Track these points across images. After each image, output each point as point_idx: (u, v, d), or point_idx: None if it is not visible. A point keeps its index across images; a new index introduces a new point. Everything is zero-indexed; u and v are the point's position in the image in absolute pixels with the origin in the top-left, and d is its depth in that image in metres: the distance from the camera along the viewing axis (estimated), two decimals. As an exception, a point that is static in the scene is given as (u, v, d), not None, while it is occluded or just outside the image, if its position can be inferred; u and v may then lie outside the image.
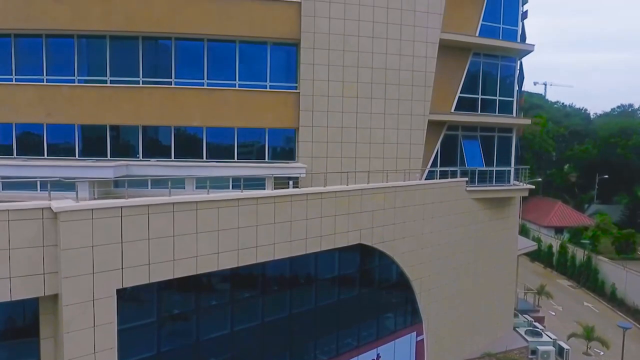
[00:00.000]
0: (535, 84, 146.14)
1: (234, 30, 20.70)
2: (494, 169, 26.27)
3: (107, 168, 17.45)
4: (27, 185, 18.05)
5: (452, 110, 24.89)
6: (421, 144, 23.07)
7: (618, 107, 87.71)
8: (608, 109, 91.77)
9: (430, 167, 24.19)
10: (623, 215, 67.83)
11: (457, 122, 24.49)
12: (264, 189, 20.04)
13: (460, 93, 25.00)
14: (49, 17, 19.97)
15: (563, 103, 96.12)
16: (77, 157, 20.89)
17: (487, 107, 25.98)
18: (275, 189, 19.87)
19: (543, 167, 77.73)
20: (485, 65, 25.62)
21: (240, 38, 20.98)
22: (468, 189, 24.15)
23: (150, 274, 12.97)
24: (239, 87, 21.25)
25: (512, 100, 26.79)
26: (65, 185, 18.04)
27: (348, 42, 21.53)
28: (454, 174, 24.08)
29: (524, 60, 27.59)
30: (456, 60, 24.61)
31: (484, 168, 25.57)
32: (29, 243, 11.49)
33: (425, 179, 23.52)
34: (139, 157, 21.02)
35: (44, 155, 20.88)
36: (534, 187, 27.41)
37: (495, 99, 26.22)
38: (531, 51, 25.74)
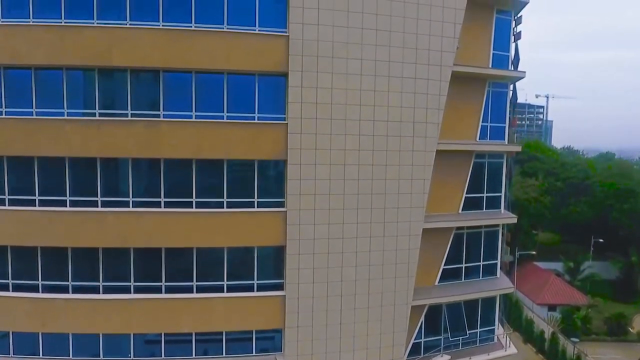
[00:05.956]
0: (537, 96, 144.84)
1: (220, 243, 21.64)
2: (478, 330, 27.02)
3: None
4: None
5: (437, 282, 25.62)
6: (404, 331, 23.78)
7: (618, 153, 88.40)
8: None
9: (415, 339, 24.92)
10: (617, 279, 68.50)
11: (440, 303, 25.18)
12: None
13: (445, 265, 25.72)
14: (44, 235, 20.86)
15: (559, 148, 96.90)
16: (70, 356, 21.88)
17: (471, 273, 26.68)
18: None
19: (538, 222, 78.43)
20: (469, 236, 26.30)
21: (228, 246, 21.91)
22: (450, 366, 24.92)
23: None
24: (227, 289, 22.12)
25: (496, 263, 27.51)
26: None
27: (332, 245, 22.28)
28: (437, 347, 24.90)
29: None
30: (439, 235, 25.26)
31: (467, 336, 26.29)
32: None
33: (407, 357, 24.32)
34: (130, 357, 21.95)
35: (39, 355, 21.85)
36: (516, 351, 28.08)
37: (479, 264, 26.93)
38: (514, 222, 26.55)
